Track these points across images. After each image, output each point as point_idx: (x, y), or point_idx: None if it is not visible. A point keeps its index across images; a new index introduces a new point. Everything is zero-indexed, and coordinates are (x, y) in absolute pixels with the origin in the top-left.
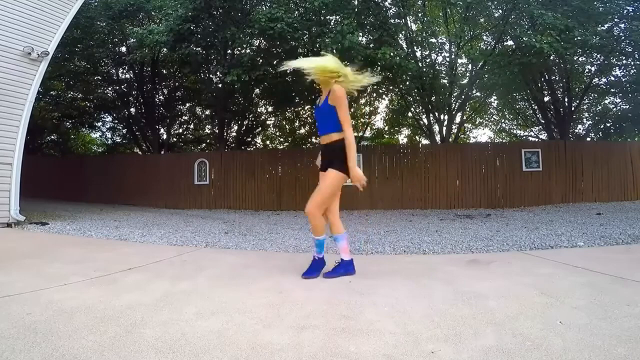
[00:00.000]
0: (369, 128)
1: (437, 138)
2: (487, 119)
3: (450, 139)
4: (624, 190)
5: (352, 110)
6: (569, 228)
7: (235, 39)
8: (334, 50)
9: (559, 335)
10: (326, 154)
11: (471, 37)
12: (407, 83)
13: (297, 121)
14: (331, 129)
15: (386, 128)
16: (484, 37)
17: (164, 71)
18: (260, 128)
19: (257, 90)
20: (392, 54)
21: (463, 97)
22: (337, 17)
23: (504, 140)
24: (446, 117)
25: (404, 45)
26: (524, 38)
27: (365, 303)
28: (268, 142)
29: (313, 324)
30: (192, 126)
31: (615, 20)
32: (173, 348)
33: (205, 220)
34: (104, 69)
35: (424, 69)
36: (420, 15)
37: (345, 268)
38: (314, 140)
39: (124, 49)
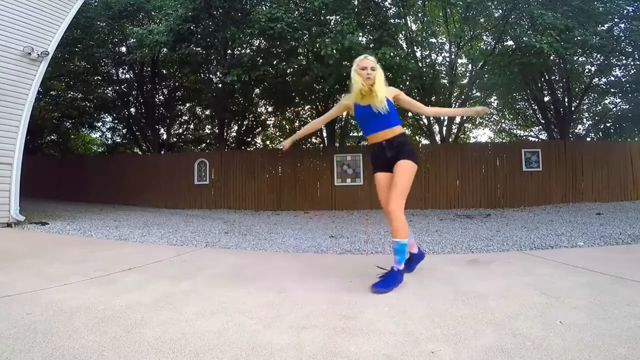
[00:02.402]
0: None
1: (437, 138)
2: (487, 119)
3: (450, 139)
4: (624, 190)
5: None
6: (569, 228)
7: (235, 39)
8: (334, 50)
9: (559, 335)
10: (391, 149)
11: (471, 37)
12: (407, 83)
13: (297, 121)
14: (397, 121)
15: None
16: (484, 37)
17: (164, 71)
18: (260, 128)
19: (257, 90)
20: (392, 54)
21: (463, 97)
22: (337, 17)
23: (504, 140)
24: (446, 117)
25: (404, 45)
26: (524, 38)
27: (365, 303)
28: (268, 142)
29: (313, 324)
30: (192, 126)
31: (615, 20)
32: (173, 348)
33: (205, 220)
34: (104, 69)
35: (424, 69)
36: (420, 15)
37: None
38: (314, 140)
39: (124, 49)
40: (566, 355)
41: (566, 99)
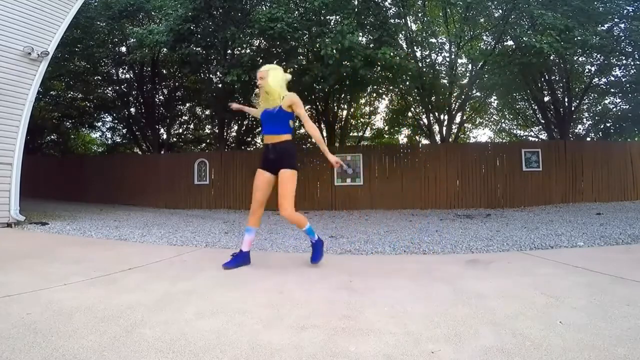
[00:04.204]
0: (369, 128)
1: (437, 138)
2: (487, 119)
3: (450, 139)
4: (624, 190)
5: (351, 110)
6: (569, 228)
7: (235, 39)
8: (334, 50)
9: (559, 335)
10: (274, 153)
11: (471, 37)
12: (407, 83)
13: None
14: (284, 130)
15: (386, 128)
16: (484, 37)
17: (164, 71)
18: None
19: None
20: (392, 54)
21: (463, 97)
22: (337, 17)
23: (504, 140)
24: (446, 117)
25: (404, 45)
26: (524, 38)
27: (365, 303)
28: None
29: (313, 324)
30: (192, 126)
31: (615, 20)
32: (173, 348)
33: (205, 220)
34: (104, 69)
35: (424, 69)
36: (420, 15)
37: (242, 258)
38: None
39: (124, 49)
40: (566, 355)
41: (566, 99)
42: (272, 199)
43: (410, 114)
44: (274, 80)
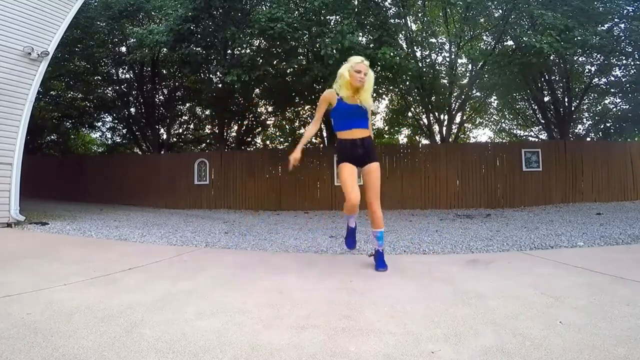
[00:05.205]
0: None
1: (437, 138)
2: (487, 119)
3: (450, 139)
4: (624, 190)
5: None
6: (569, 228)
7: (235, 39)
8: (334, 50)
9: (559, 335)
10: (363, 148)
11: (471, 37)
12: (407, 83)
13: (297, 121)
14: (368, 125)
15: (386, 128)
16: (484, 37)
17: (164, 71)
18: (260, 128)
19: (257, 90)
20: (392, 54)
21: (463, 97)
22: (337, 17)
23: (504, 140)
24: (446, 117)
25: (404, 45)
26: (524, 38)
27: (365, 303)
28: (268, 142)
29: (313, 324)
30: (192, 126)
31: (615, 20)
32: (173, 348)
33: (205, 220)
34: (104, 69)
35: (424, 69)
36: (420, 15)
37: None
38: (314, 140)
39: (124, 49)
40: (566, 355)
41: (566, 99)
42: (270, 199)
43: (410, 114)
44: (372, 81)
